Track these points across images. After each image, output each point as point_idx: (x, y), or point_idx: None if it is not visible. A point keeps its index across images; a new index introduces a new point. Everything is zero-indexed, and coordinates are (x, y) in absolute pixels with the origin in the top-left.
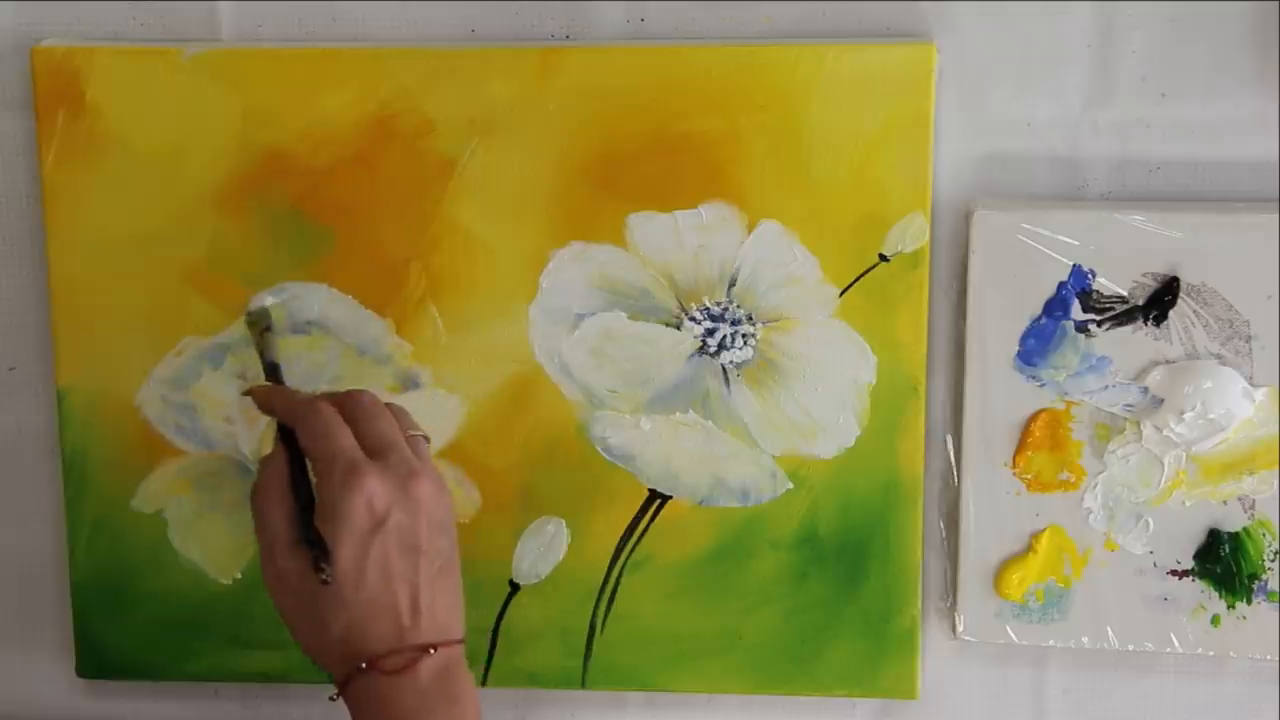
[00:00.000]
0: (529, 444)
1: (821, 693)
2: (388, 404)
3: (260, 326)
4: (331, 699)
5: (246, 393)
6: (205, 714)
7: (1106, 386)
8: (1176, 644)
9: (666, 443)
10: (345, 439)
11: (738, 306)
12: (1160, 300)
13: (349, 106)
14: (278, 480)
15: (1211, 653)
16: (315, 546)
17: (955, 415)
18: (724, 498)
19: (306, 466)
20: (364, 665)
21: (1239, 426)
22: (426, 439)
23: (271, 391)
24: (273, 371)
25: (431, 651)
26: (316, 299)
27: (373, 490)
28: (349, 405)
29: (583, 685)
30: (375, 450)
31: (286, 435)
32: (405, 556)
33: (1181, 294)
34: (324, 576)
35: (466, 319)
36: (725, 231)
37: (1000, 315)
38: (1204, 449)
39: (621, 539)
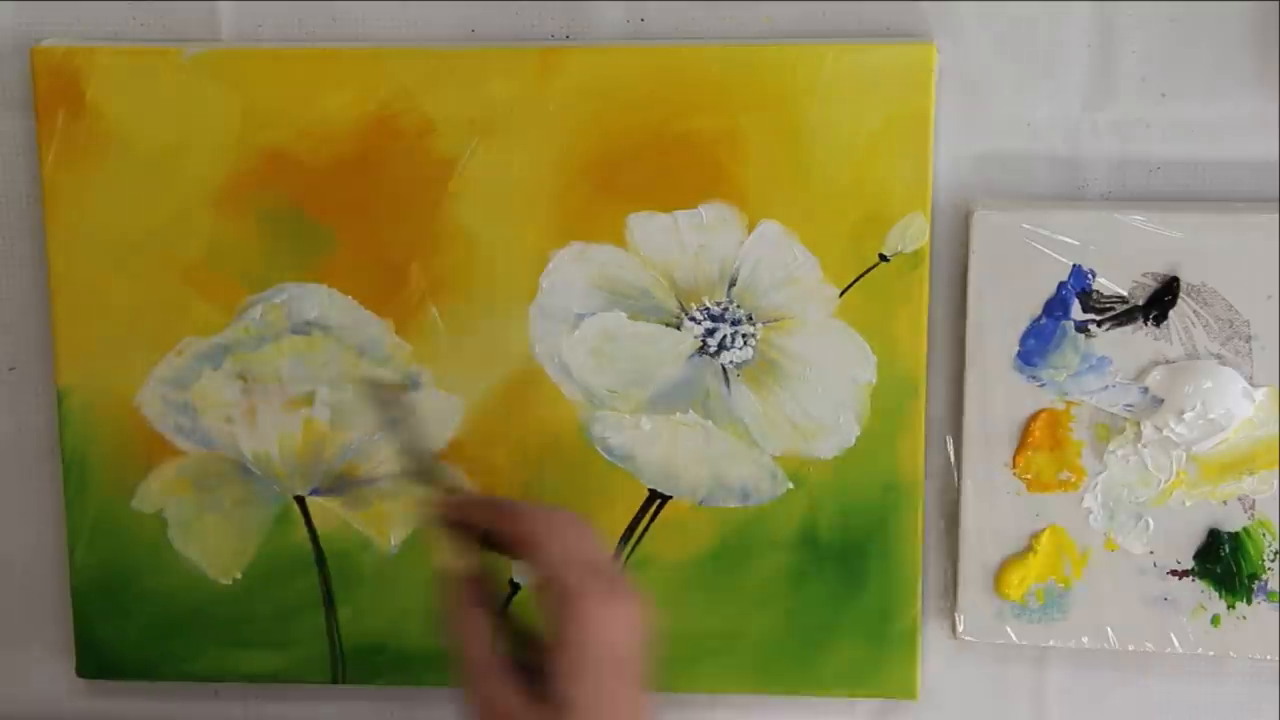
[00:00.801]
0: (529, 444)
1: (822, 693)
2: (560, 512)
3: (395, 410)
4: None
5: (432, 518)
6: (205, 714)
7: (1106, 386)
8: (1176, 644)
9: (666, 443)
10: (577, 552)
11: (738, 306)
12: (1160, 300)
13: (349, 106)
14: (475, 599)
15: (1211, 653)
16: (527, 669)
17: (955, 415)
18: (724, 498)
19: (489, 576)
20: None
21: (1239, 426)
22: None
23: (473, 506)
24: (423, 463)
25: None
26: (316, 299)
27: (610, 618)
28: (552, 519)
29: None
30: (590, 567)
31: (470, 538)
32: (623, 680)
33: (1181, 294)
34: (548, 694)
35: (466, 319)
36: (725, 231)
37: (1000, 315)
38: (1204, 449)
39: (621, 539)
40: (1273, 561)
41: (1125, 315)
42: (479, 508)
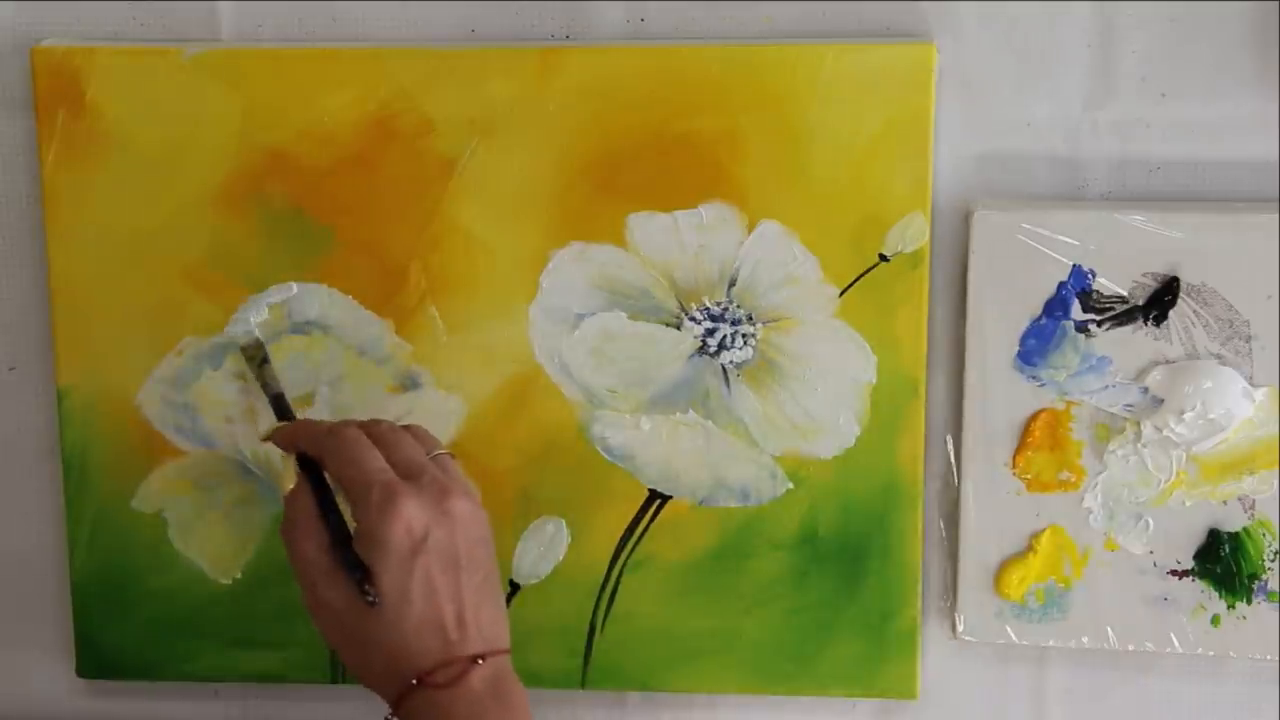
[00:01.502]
0: (529, 444)
1: (821, 693)
2: (406, 426)
3: (257, 359)
4: (387, 719)
5: (267, 438)
6: (205, 714)
7: (1106, 386)
8: (1176, 644)
9: (666, 443)
10: (375, 462)
11: (738, 306)
12: (1160, 300)
13: (349, 106)
14: (306, 511)
15: (1211, 653)
16: (355, 571)
17: (955, 415)
18: (724, 498)
19: (333, 495)
20: (415, 682)
21: (1239, 426)
22: (452, 456)
23: (293, 428)
24: (279, 402)
25: (480, 661)
26: (316, 299)
27: (410, 513)
28: (370, 433)
29: (583, 685)
30: (405, 473)
31: (308, 466)
32: (447, 573)
33: (1181, 294)
34: (370, 599)
35: (466, 319)
36: (725, 231)
37: (1000, 315)
38: (1204, 449)
39: (621, 539)
40: (1273, 561)
41: (1125, 315)
42: (303, 431)
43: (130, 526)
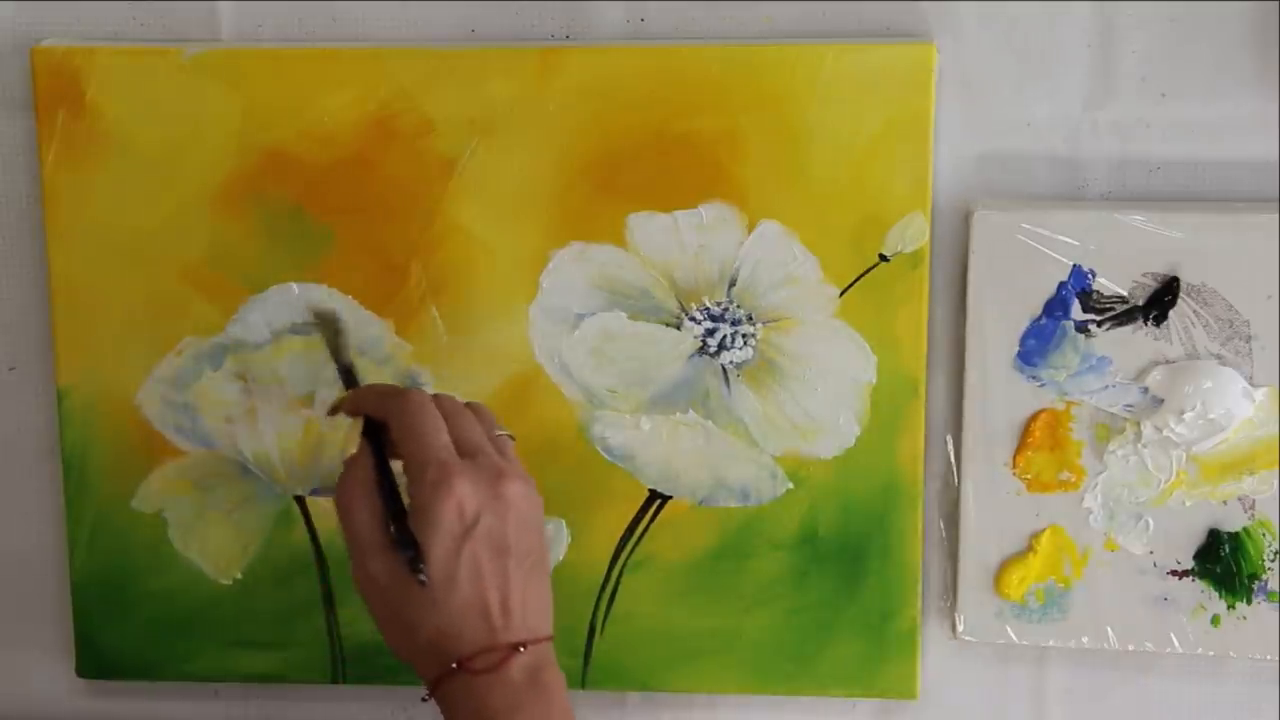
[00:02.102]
0: (529, 444)
1: (821, 693)
2: (469, 404)
3: (332, 329)
4: (424, 699)
5: (335, 408)
6: (205, 714)
7: (1106, 386)
8: (1176, 644)
9: (666, 443)
10: (439, 437)
11: (738, 306)
12: (1160, 300)
13: (349, 106)
14: (364, 481)
15: (1211, 653)
16: (407, 548)
17: (955, 415)
18: (724, 498)
19: (390, 466)
20: (455, 665)
21: (1239, 426)
22: (512, 438)
23: (361, 392)
24: (348, 374)
25: (521, 650)
26: (317, 299)
27: (463, 493)
28: (436, 404)
29: (583, 685)
30: (464, 451)
31: (372, 434)
32: (495, 558)
33: (1181, 294)
34: (421, 577)
35: (466, 319)
36: (725, 231)
37: (1000, 315)
38: (1204, 449)
39: (621, 539)
40: (1273, 561)
41: (1125, 315)
42: (370, 395)
43: (130, 527)
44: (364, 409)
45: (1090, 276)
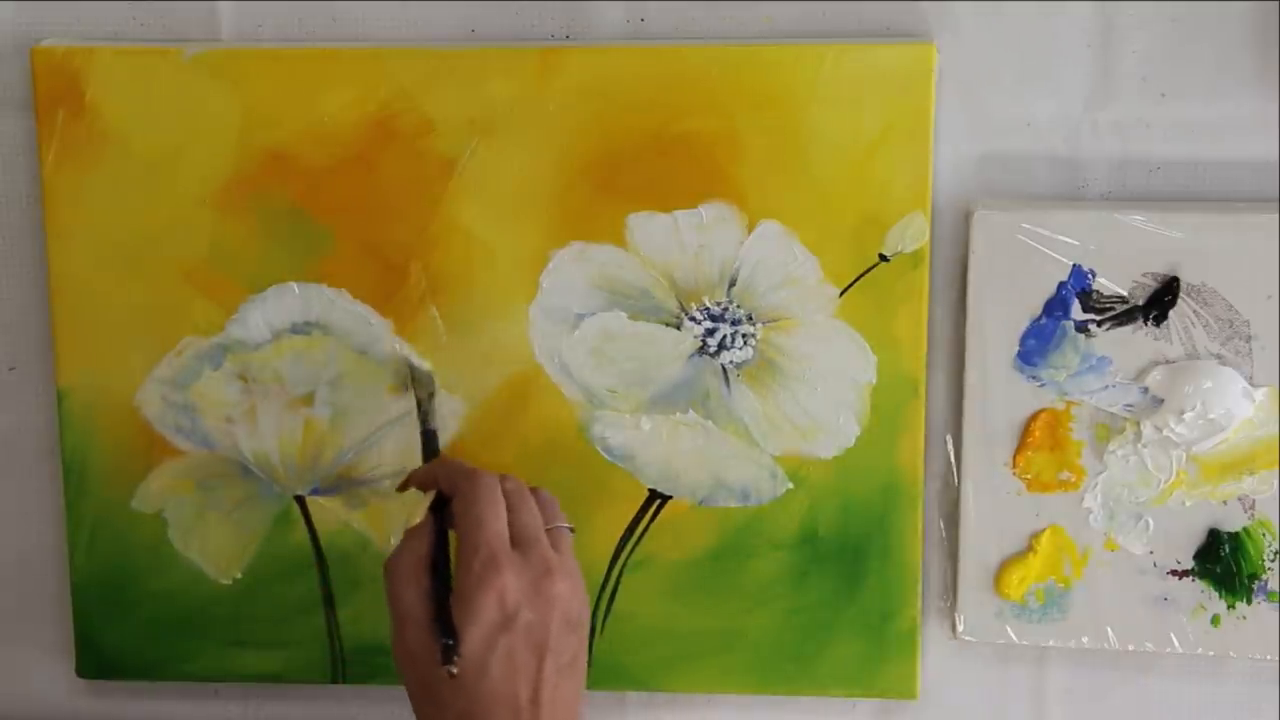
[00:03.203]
0: (529, 444)
1: (821, 693)
2: (534, 489)
3: (427, 390)
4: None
5: (407, 484)
6: (205, 714)
7: (1106, 386)
8: (1176, 644)
9: (666, 443)
10: (496, 524)
11: (738, 306)
12: (1160, 300)
13: (349, 106)
14: (420, 557)
15: (1211, 653)
16: (445, 636)
17: (955, 415)
18: (724, 498)
19: (447, 543)
20: None
21: (1239, 426)
22: (571, 530)
23: (433, 468)
24: (431, 439)
25: None
26: (316, 299)
27: (507, 585)
28: (504, 490)
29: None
30: (518, 540)
31: (438, 508)
32: (531, 653)
33: (1181, 294)
34: (451, 669)
35: (466, 319)
36: (725, 231)
37: (1000, 315)
38: (1204, 449)
39: (621, 539)
40: (1273, 561)
41: (1125, 315)
42: (434, 471)
43: (130, 527)
44: (436, 483)
45: (1090, 276)
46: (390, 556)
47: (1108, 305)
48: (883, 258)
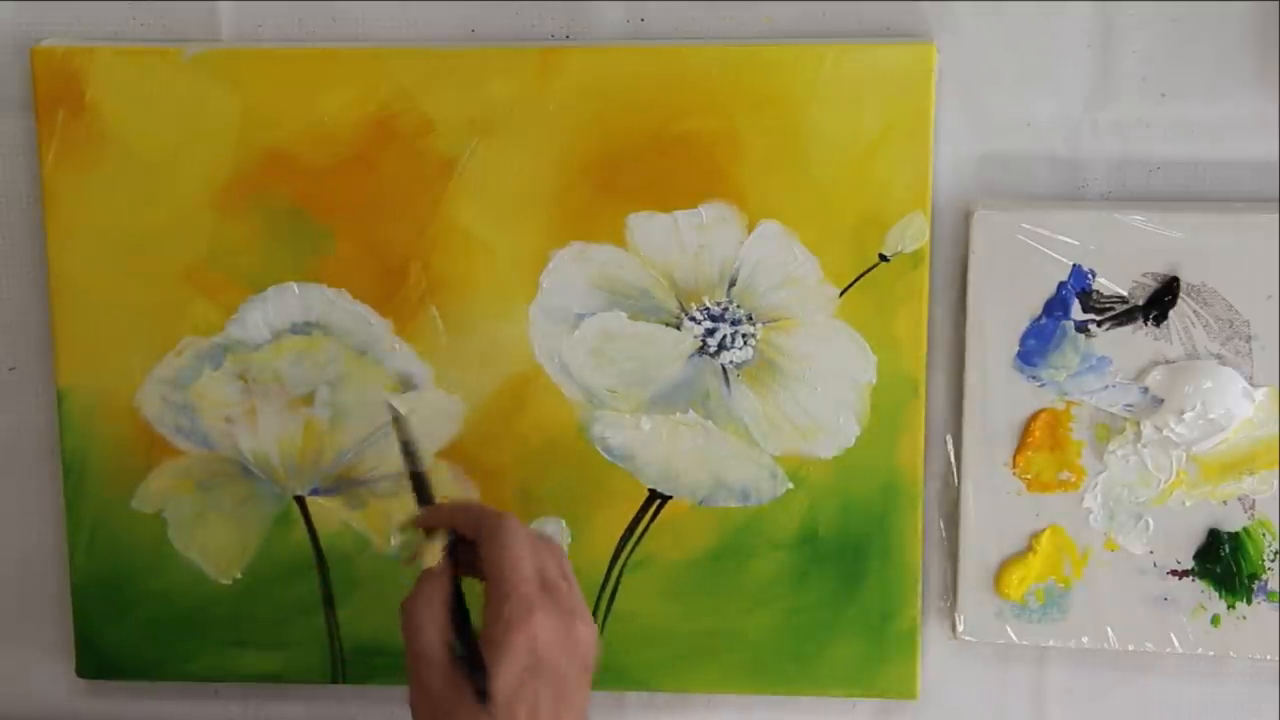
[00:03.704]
0: (529, 444)
1: (821, 693)
2: (541, 536)
3: (408, 435)
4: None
5: (423, 522)
6: (205, 714)
7: (1106, 386)
8: (1176, 644)
9: (666, 443)
10: (527, 569)
11: (738, 306)
12: (1160, 300)
13: (349, 106)
14: (439, 599)
15: (1211, 653)
16: (475, 670)
17: (955, 415)
18: (724, 498)
19: (460, 584)
20: None
21: (1239, 426)
22: (573, 576)
23: (452, 510)
24: (422, 482)
25: None
26: (316, 299)
27: (540, 628)
28: (525, 530)
29: None
30: (544, 585)
31: (455, 550)
32: (554, 698)
33: (1181, 294)
34: (483, 697)
35: (466, 319)
36: (725, 231)
37: (1000, 315)
38: (1204, 449)
39: (621, 539)
40: (1273, 561)
41: (1125, 315)
42: (451, 512)
43: (130, 527)
44: (455, 525)
45: (1090, 276)
46: (408, 599)
47: (1108, 305)
48: (883, 258)
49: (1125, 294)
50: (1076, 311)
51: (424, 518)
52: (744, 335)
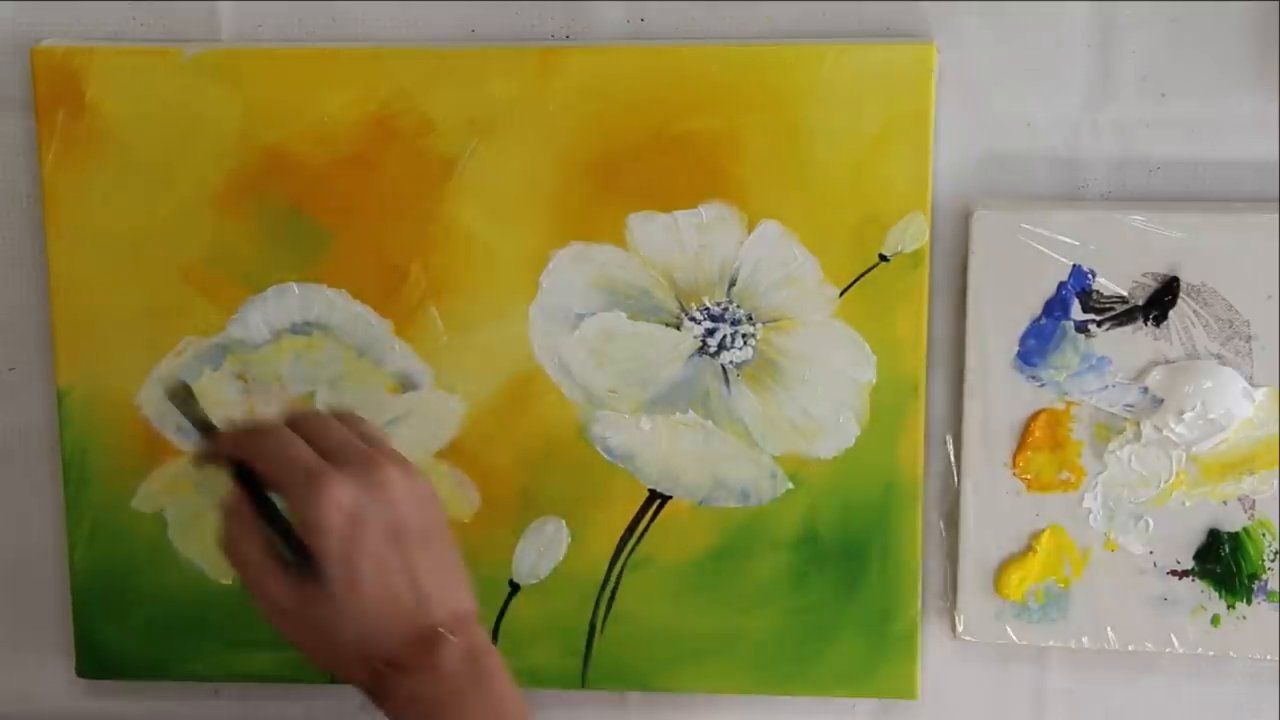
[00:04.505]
0: (529, 444)
1: (821, 693)
2: (335, 413)
3: (180, 399)
4: (363, 708)
5: (198, 458)
6: (205, 714)
7: (1106, 386)
8: (1176, 644)
9: (666, 443)
10: (299, 448)
11: (738, 306)
12: (1160, 300)
13: (349, 106)
14: (244, 519)
15: (1211, 653)
16: (306, 561)
17: (955, 415)
18: (724, 498)
19: (270, 498)
20: (386, 666)
21: (1239, 426)
22: (384, 435)
23: (218, 438)
24: (209, 430)
25: (451, 637)
26: (316, 299)
27: (339, 492)
28: (292, 424)
29: (583, 685)
30: (330, 453)
31: (241, 472)
32: (392, 546)
33: (1181, 294)
34: (326, 582)
35: (466, 319)
36: (725, 231)
37: (1000, 315)
38: (1204, 449)
39: (621, 539)
40: (1273, 561)
41: (1125, 315)
42: (225, 438)
43: (130, 526)
44: (225, 454)
45: (1090, 276)
46: (221, 540)
47: (1108, 305)
48: (883, 258)
49: (1125, 294)
50: (1076, 311)
51: (200, 456)
52: (744, 335)
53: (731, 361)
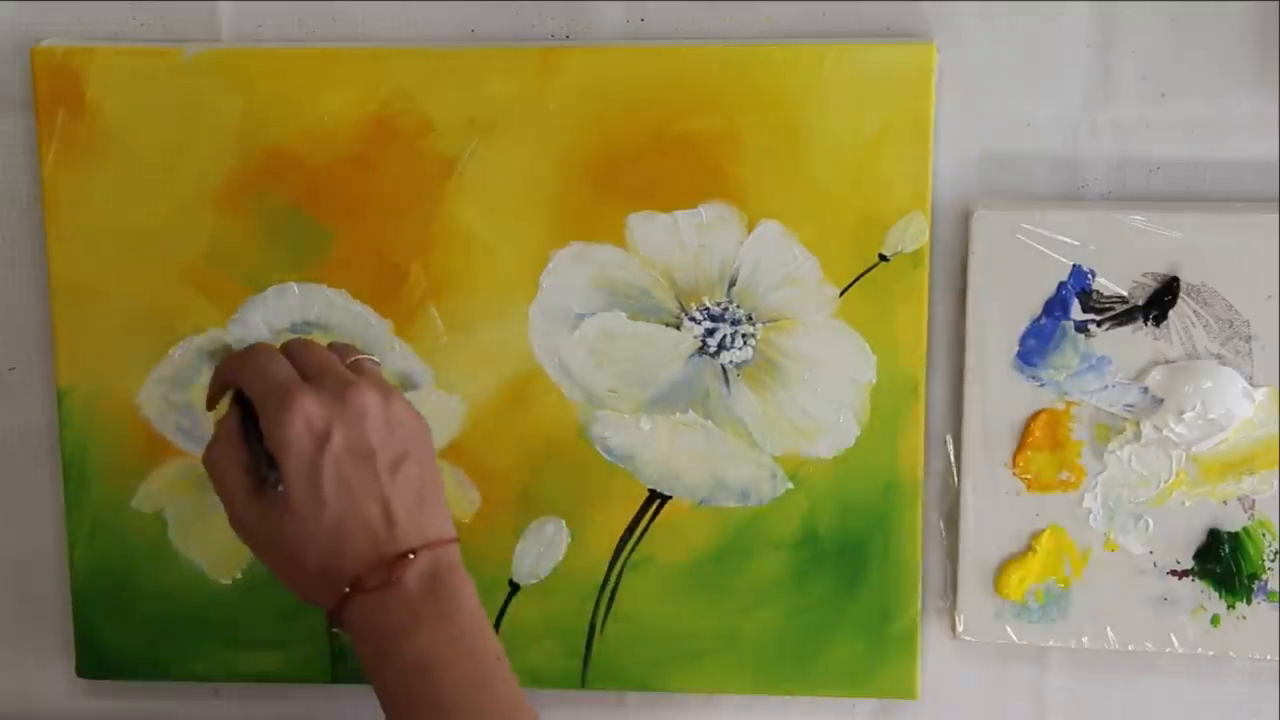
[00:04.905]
0: (529, 444)
1: (821, 693)
2: (332, 344)
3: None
4: (332, 631)
5: (209, 402)
6: (205, 714)
7: (1106, 386)
8: (1176, 644)
9: (666, 443)
10: (279, 368)
11: (738, 306)
12: (1160, 300)
13: (349, 106)
14: (229, 436)
15: (1211, 653)
16: (272, 470)
17: (955, 415)
18: (724, 498)
19: (258, 422)
20: (349, 589)
21: (1239, 426)
22: (375, 362)
23: (217, 370)
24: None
25: (411, 557)
26: (316, 299)
27: (308, 410)
28: (285, 346)
29: (583, 685)
30: (309, 375)
31: (238, 395)
32: (360, 466)
33: (1181, 294)
34: (278, 487)
35: (466, 319)
36: (725, 231)
37: (1000, 315)
38: (1204, 449)
39: (621, 539)
40: (1273, 561)
41: (1125, 315)
42: (219, 374)
43: (130, 526)
44: (221, 378)
45: (1090, 276)
46: (205, 450)
47: (1108, 305)
48: (883, 258)
49: (1125, 294)
50: (1076, 311)
51: (209, 396)
52: (744, 335)
53: (731, 361)
